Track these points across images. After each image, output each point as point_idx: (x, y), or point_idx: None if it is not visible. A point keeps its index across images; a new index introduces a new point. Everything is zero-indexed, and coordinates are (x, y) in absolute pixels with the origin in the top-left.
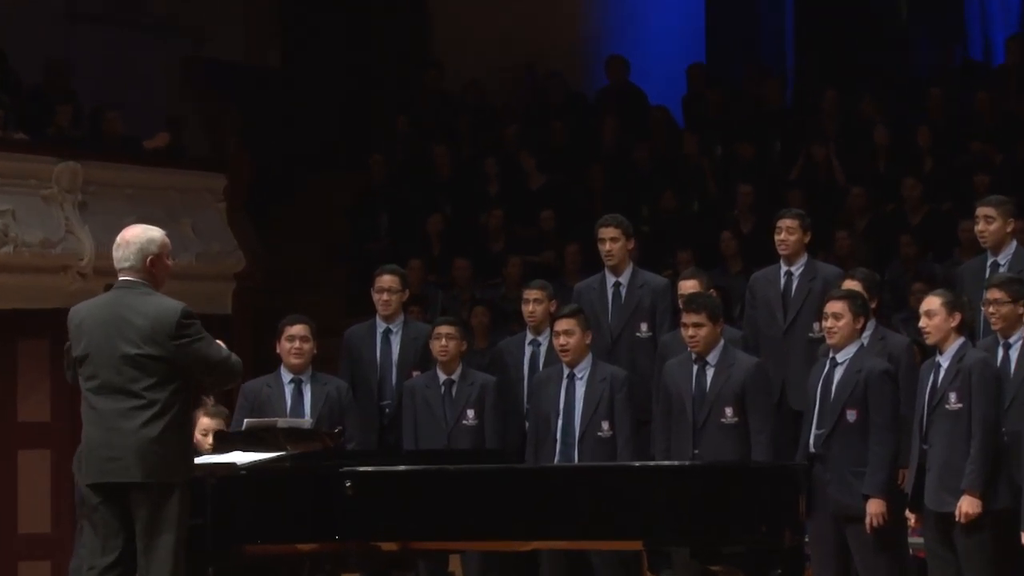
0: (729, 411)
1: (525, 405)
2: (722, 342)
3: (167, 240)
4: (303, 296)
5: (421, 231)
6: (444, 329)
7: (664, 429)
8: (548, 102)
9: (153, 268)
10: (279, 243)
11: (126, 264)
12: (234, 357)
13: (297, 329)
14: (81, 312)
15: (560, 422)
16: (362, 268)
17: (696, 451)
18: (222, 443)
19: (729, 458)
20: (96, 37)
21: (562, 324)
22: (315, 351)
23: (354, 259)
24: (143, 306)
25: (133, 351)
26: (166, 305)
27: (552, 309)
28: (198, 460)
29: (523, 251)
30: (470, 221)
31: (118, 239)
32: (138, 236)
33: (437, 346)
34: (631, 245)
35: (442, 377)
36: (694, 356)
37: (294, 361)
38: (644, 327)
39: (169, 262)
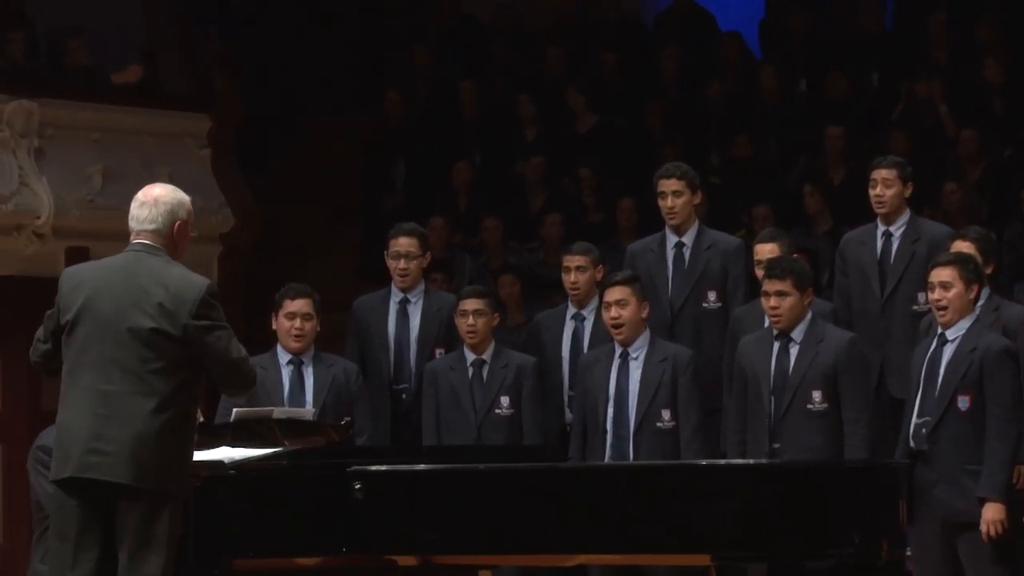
0: (817, 397)
1: (568, 391)
2: (809, 315)
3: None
4: (304, 262)
5: (445, 183)
6: (471, 301)
7: (738, 419)
8: (598, 27)
9: (179, 236)
10: (275, 198)
11: (151, 226)
12: (251, 362)
13: (298, 304)
14: (82, 273)
15: (611, 412)
16: (375, 228)
17: (776, 446)
18: (206, 436)
19: (816, 454)
20: None
21: (613, 293)
22: (319, 329)
23: (365, 217)
24: (164, 275)
25: (148, 324)
26: (191, 279)
27: (600, 276)
28: None
29: (566, 208)
30: (503, 171)
31: (141, 196)
32: (169, 196)
33: (463, 322)
34: (697, 199)
35: (470, 357)
36: (775, 332)
37: (293, 344)
38: (712, 297)
39: (193, 233)
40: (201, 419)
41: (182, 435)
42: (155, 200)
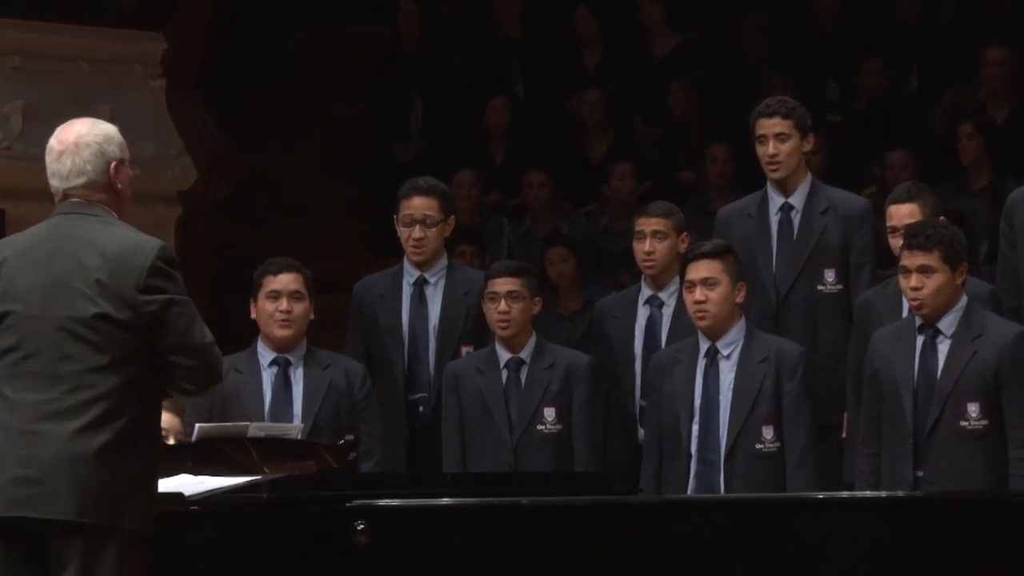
0: (974, 410)
1: (639, 400)
2: (964, 300)
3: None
4: (290, 230)
5: (476, 125)
6: (504, 281)
7: (869, 437)
8: None
9: (117, 181)
10: (251, 144)
11: (79, 180)
12: (219, 354)
13: (283, 280)
14: (3, 250)
15: (696, 427)
16: (384, 185)
17: (920, 474)
18: (164, 460)
19: (974, 485)
20: None
21: (698, 270)
22: (312, 316)
23: (371, 171)
24: (102, 239)
25: (88, 310)
26: (137, 240)
27: (682, 248)
28: None
29: (637, 157)
30: (552, 108)
31: (56, 144)
32: (92, 133)
33: (493, 308)
34: (809, 145)
35: (504, 356)
36: (918, 322)
37: (279, 332)
38: (831, 276)
39: (132, 171)
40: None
41: (138, 451)
42: (75, 144)
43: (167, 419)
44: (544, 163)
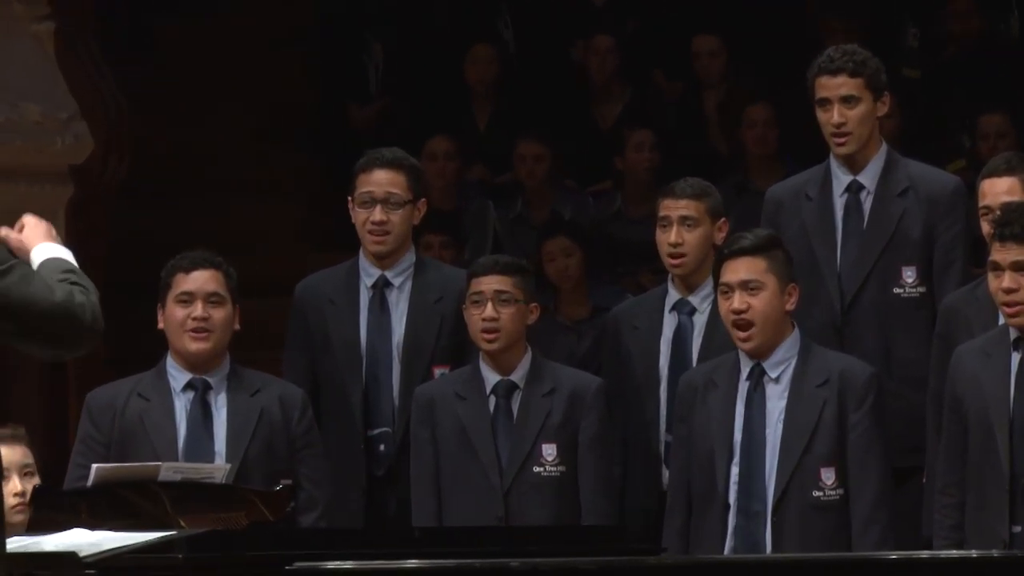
0: None
1: (663, 434)
2: None
3: None
4: (212, 214)
5: (453, 80)
6: (492, 282)
7: (951, 483)
8: None
9: None
10: (162, 104)
11: None
12: (83, 298)
13: (199, 279)
14: None
15: (736, 469)
16: (335, 156)
17: (1017, 528)
18: (48, 510)
19: None
20: None
21: (737, 270)
22: (237, 326)
23: (319, 137)
24: None
25: None
26: None
27: (719, 239)
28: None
29: (659, 122)
30: (551, 58)
31: None
32: None
33: (476, 315)
34: (884, 109)
35: (491, 378)
36: (1013, 335)
37: (193, 345)
38: (911, 276)
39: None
40: (36, 480)
41: None
42: None
43: (7, 454)
44: (541, 129)
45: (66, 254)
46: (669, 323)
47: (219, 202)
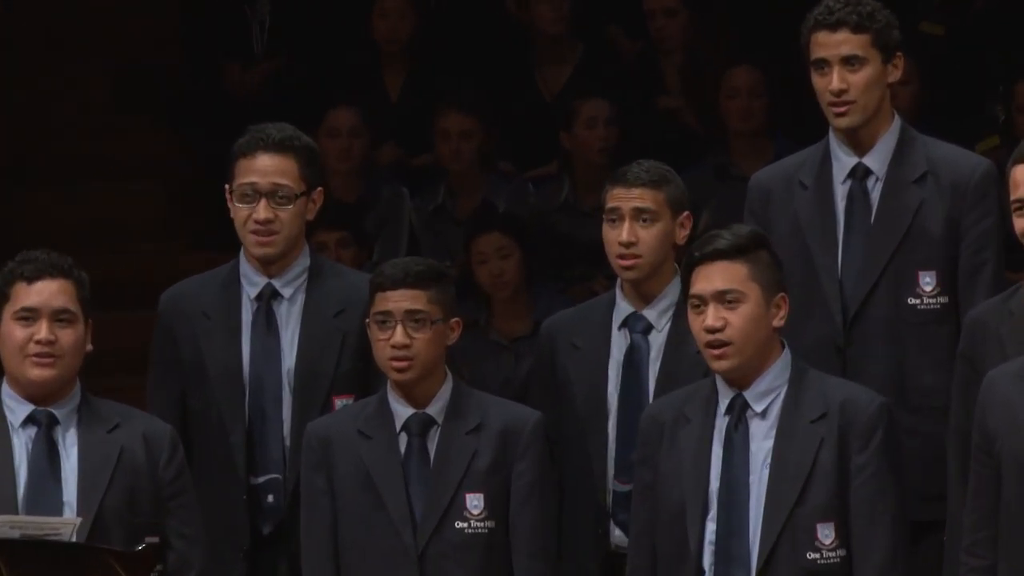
0: None
1: (611, 481)
2: None
3: None
4: (60, 204)
5: (357, 36)
6: (402, 296)
7: (980, 541)
8: None
9: None
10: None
11: None
12: None
13: (43, 291)
14: None
15: (712, 525)
16: (208, 133)
17: None
18: None
19: None
20: None
21: (711, 277)
22: (90, 346)
23: (187, 109)
24: None
25: None
26: None
27: (683, 237)
28: None
29: (615, 90)
30: (481, 8)
31: None
32: None
33: (382, 335)
34: (897, 73)
35: (404, 413)
36: None
37: (35, 372)
38: (929, 283)
39: None
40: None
41: None
42: None
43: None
44: (468, 99)
45: None
46: (618, 343)
47: (67, 190)
